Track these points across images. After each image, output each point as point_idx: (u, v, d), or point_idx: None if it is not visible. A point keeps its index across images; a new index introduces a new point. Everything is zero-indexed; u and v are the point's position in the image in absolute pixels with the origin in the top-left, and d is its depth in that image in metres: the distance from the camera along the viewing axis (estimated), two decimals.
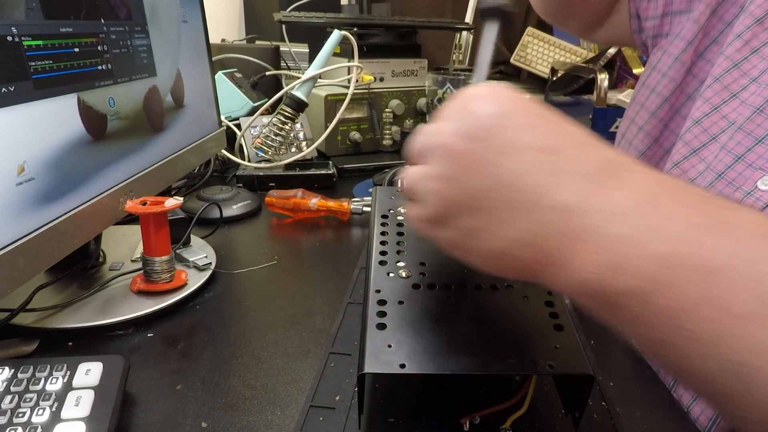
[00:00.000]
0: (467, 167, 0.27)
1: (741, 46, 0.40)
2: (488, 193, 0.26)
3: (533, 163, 0.25)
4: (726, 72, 0.41)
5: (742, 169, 0.38)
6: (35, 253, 0.38)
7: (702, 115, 0.42)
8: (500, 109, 0.27)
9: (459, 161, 0.27)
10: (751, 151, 0.38)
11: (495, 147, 0.26)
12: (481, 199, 0.26)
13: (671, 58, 0.47)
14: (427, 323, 0.32)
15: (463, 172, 0.27)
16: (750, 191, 0.37)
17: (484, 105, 0.27)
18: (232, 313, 0.49)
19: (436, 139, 0.28)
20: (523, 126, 0.26)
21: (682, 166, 0.44)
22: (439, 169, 0.28)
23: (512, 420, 0.34)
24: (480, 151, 0.26)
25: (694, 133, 0.43)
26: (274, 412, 0.37)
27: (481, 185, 0.26)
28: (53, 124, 0.41)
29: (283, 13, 1.07)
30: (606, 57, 1.47)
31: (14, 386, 0.33)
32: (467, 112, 0.28)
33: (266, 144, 0.86)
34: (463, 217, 0.27)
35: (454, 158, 0.27)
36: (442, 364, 0.29)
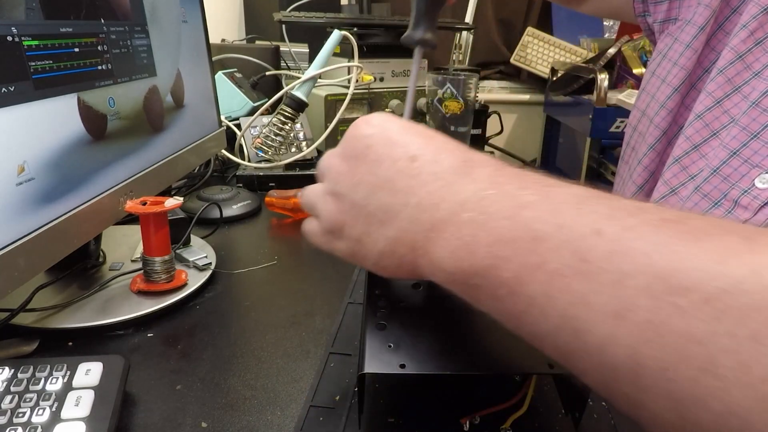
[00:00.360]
0: (349, 182, 0.32)
1: (746, 37, 0.39)
2: (367, 200, 0.30)
3: (398, 170, 0.30)
4: (730, 64, 0.40)
5: (738, 164, 0.38)
6: (35, 253, 0.38)
7: (704, 109, 0.41)
8: (370, 131, 0.32)
9: (341, 178, 0.32)
10: (746, 147, 0.37)
11: (367, 162, 0.31)
12: (362, 207, 0.31)
13: (682, 46, 0.45)
14: (427, 323, 0.32)
15: (346, 186, 0.32)
16: (747, 189, 0.37)
17: (359, 129, 0.33)
18: (232, 313, 0.49)
19: (327, 161, 0.34)
20: (387, 142, 0.31)
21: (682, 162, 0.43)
22: (329, 186, 0.33)
23: (512, 420, 0.34)
24: (356, 167, 0.31)
25: (696, 127, 0.42)
26: (274, 412, 0.37)
27: (361, 195, 0.31)
28: (53, 124, 0.41)
29: (283, 13, 1.07)
30: (606, 57, 1.47)
31: (14, 386, 0.33)
32: (347, 137, 0.33)
33: (266, 144, 0.86)
34: (351, 227, 0.32)
35: (338, 176, 0.33)
36: (442, 364, 0.29)
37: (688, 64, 0.44)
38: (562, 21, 1.88)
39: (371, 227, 0.30)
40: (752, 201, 0.37)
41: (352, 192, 0.31)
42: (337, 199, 0.32)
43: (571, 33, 1.85)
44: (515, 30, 1.92)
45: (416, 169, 0.29)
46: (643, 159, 0.50)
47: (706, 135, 0.41)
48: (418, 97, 1.09)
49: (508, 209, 0.25)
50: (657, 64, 0.50)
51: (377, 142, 0.31)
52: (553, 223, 0.23)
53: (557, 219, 0.23)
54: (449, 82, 0.90)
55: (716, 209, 0.39)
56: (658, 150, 0.48)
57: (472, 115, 0.96)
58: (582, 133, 1.45)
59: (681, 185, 0.44)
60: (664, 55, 0.48)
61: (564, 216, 0.23)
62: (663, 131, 0.47)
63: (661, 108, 0.47)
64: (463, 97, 0.91)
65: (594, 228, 0.22)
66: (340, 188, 0.32)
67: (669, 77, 0.47)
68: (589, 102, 1.39)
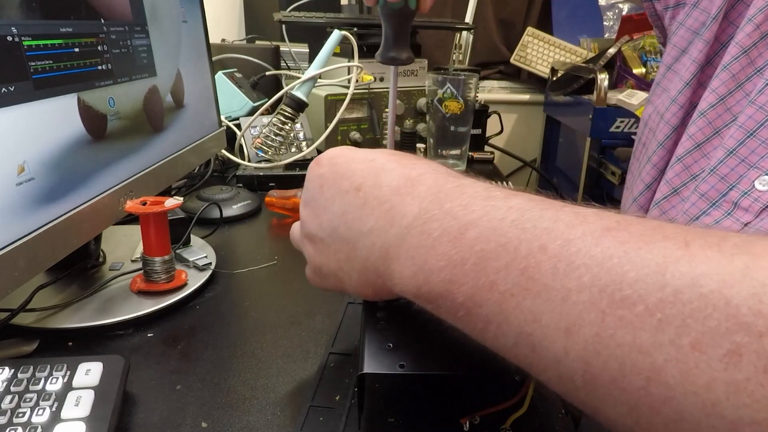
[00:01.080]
0: (314, 225, 0.33)
1: (751, 31, 0.37)
2: (332, 238, 0.32)
3: (347, 203, 0.31)
4: (734, 59, 0.39)
5: (735, 164, 0.37)
6: (35, 253, 0.38)
7: (708, 106, 0.40)
8: (321, 171, 0.33)
9: (308, 222, 0.34)
10: (743, 145, 0.36)
11: (322, 201, 0.33)
12: (329, 245, 0.32)
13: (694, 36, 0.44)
14: (427, 323, 0.32)
15: (314, 229, 0.33)
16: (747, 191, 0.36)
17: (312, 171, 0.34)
18: (232, 313, 0.49)
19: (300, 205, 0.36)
20: (336, 177, 0.32)
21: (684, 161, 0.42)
22: (304, 230, 0.35)
23: (512, 420, 0.34)
24: (316, 209, 0.33)
25: (699, 125, 0.41)
26: (274, 412, 0.37)
27: (326, 234, 0.32)
28: (53, 124, 0.41)
29: (283, 13, 1.07)
30: (606, 57, 1.47)
31: (14, 386, 0.33)
32: (306, 181, 0.35)
33: (266, 144, 0.86)
34: (327, 266, 0.33)
35: (305, 220, 0.34)
36: (442, 363, 0.29)
37: (700, 57, 0.43)
38: (562, 21, 1.88)
39: (341, 263, 0.32)
40: (753, 203, 0.36)
41: (320, 232, 0.33)
42: (312, 241, 0.34)
43: (571, 33, 1.85)
44: (515, 30, 1.92)
45: (362, 198, 0.30)
46: (653, 156, 0.48)
47: (708, 133, 0.40)
48: (418, 97, 1.09)
49: (453, 231, 0.25)
50: (671, 56, 0.48)
51: (327, 180, 0.33)
52: (497, 242, 0.23)
53: (500, 238, 0.23)
54: (449, 82, 0.90)
55: (714, 210, 0.38)
56: (668, 147, 0.47)
57: (472, 115, 0.96)
58: (582, 133, 1.45)
59: (683, 185, 0.43)
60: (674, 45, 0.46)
61: (507, 234, 0.23)
62: (674, 128, 0.46)
63: (672, 103, 0.46)
64: (463, 97, 0.91)
65: (537, 244, 0.22)
66: (310, 230, 0.34)
67: (683, 70, 0.45)
68: (589, 102, 1.39)
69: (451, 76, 0.91)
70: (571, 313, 0.20)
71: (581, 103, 1.46)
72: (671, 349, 0.18)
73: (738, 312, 0.17)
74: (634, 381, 0.19)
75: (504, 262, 0.23)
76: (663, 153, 0.48)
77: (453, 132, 0.94)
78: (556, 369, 0.22)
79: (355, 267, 0.31)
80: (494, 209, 0.25)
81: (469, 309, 0.24)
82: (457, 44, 1.54)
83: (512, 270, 0.22)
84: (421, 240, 0.26)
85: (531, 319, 0.22)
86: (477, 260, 0.24)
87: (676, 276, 0.19)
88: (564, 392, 0.22)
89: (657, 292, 0.19)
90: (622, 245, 0.20)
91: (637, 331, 0.19)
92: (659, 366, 0.18)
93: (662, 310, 0.18)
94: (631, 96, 1.32)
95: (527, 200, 0.25)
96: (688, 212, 0.40)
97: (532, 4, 1.90)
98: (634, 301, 0.19)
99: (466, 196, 0.26)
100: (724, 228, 0.37)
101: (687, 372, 0.17)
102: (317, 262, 0.34)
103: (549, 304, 0.21)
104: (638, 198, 0.52)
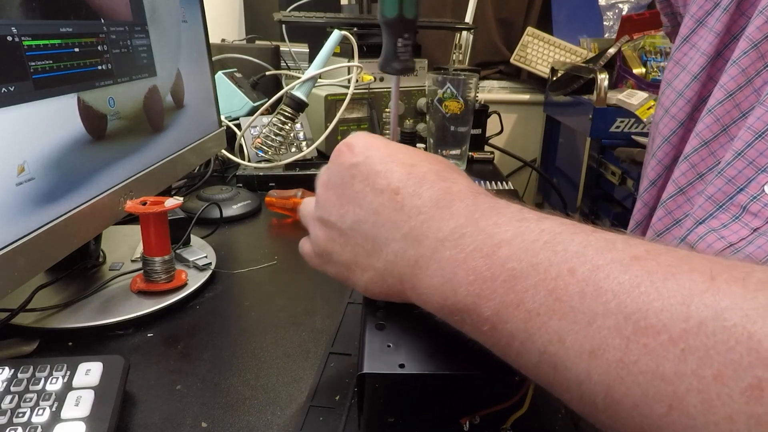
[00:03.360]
0: (335, 211, 0.32)
1: (761, 24, 0.36)
2: (353, 230, 0.31)
3: (380, 203, 0.30)
4: (744, 54, 0.38)
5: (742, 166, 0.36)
6: (35, 253, 0.38)
7: (716, 102, 0.39)
8: (354, 160, 0.32)
9: (328, 206, 0.33)
10: (751, 147, 0.36)
11: (351, 192, 0.32)
12: (349, 237, 0.32)
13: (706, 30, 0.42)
14: (427, 323, 0.32)
15: (333, 215, 0.33)
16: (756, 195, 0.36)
17: (343, 156, 0.33)
18: (232, 313, 0.49)
19: (318, 182, 0.35)
20: (371, 172, 0.31)
21: (691, 159, 0.42)
22: (318, 213, 0.34)
23: (513, 420, 0.34)
24: (342, 196, 0.32)
25: (706, 122, 0.40)
26: (274, 412, 0.37)
27: (348, 225, 0.32)
28: (53, 124, 0.41)
29: (283, 13, 1.07)
30: (606, 57, 1.47)
31: (14, 386, 0.33)
32: (333, 162, 0.34)
33: (266, 144, 0.86)
34: (339, 255, 0.33)
35: (325, 204, 0.33)
36: (442, 363, 0.29)
37: (710, 49, 0.42)
38: (562, 21, 1.88)
39: (358, 257, 0.32)
40: (763, 208, 0.35)
41: (339, 221, 0.32)
42: (326, 226, 0.34)
43: (571, 33, 1.85)
44: (515, 30, 1.92)
45: (399, 202, 0.30)
46: (657, 152, 0.47)
47: (716, 130, 0.40)
48: (418, 97, 1.09)
49: (486, 247, 0.25)
50: (678, 49, 0.46)
51: (361, 172, 0.32)
52: (528, 262, 0.24)
53: (532, 258, 0.24)
54: (449, 82, 0.90)
55: (722, 213, 0.38)
56: (674, 143, 0.46)
57: (472, 115, 0.96)
58: (582, 133, 1.45)
59: (689, 184, 0.42)
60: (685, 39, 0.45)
61: (538, 255, 0.24)
62: (680, 122, 0.45)
63: (679, 97, 0.45)
64: (463, 97, 0.91)
65: (567, 267, 0.23)
66: (328, 216, 0.33)
67: (690, 64, 0.44)
68: (589, 102, 1.39)
69: (451, 76, 0.91)
70: (596, 337, 0.21)
71: (581, 103, 1.46)
72: (693, 380, 0.18)
73: (760, 347, 0.17)
74: (656, 408, 0.19)
75: (533, 282, 0.23)
76: (668, 149, 0.47)
77: (453, 132, 0.94)
78: (578, 390, 0.22)
79: (373, 266, 0.31)
80: (527, 230, 0.25)
81: (494, 324, 0.24)
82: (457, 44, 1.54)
83: (540, 290, 0.23)
84: (453, 253, 0.26)
85: (555, 339, 0.22)
86: (507, 278, 0.24)
87: (700, 308, 0.19)
88: (586, 413, 0.23)
89: (681, 322, 0.19)
90: (649, 275, 0.21)
91: (660, 359, 0.19)
92: (681, 395, 0.18)
93: (686, 341, 0.19)
94: (631, 96, 1.32)
95: (559, 224, 0.25)
96: (695, 215, 0.40)
97: (532, 4, 1.90)
98: (658, 330, 0.19)
99: (500, 216, 0.27)
100: (733, 232, 0.36)
101: (709, 403, 0.18)
102: (327, 248, 0.34)
103: (574, 326, 0.22)
104: (643, 195, 0.51)
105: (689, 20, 0.45)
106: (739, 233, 0.36)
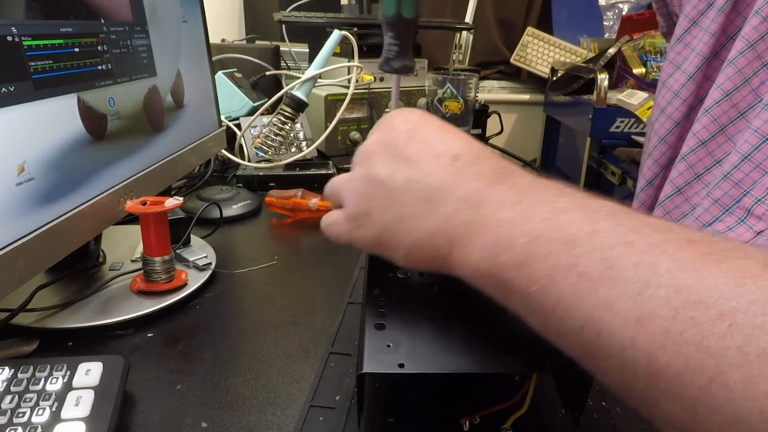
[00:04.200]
0: (386, 169, 0.32)
1: (758, 24, 0.37)
2: (403, 189, 0.31)
3: (438, 165, 0.30)
4: (740, 54, 0.38)
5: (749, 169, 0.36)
6: (35, 253, 0.38)
7: (713, 102, 0.40)
8: (409, 125, 0.33)
9: (378, 164, 0.32)
10: (758, 150, 0.36)
11: (407, 152, 0.31)
12: (397, 196, 0.31)
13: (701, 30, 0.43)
14: (426, 323, 0.32)
15: (383, 172, 0.32)
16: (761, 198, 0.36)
17: (397, 121, 0.34)
18: (232, 313, 0.49)
19: (362, 150, 0.34)
20: (429, 137, 0.32)
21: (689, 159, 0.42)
22: (361, 172, 0.33)
23: (513, 420, 0.34)
24: (395, 156, 0.32)
25: (704, 123, 0.40)
26: (274, 412, 0.37)
27: (398, 184, 0.31)
28: (53, 124, 0.41)
29: (283, 13, 1.07)
30: (606, 57, 1.47)
31: (14, 386, 0.33)
32: (384, 127, 0.34)
33: (266, 144, 0.86)
34: (380, 214, 0.32)
35: (370, 162, 0.33)
36: (441, 363, 0.29)
37: (705, 49, 0.42)
38: (562, 21, 1.88)
39: (404, 217, 0.31)
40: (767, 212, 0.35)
41: (389, 179, 0.31)
42: (370, 183, 0.32)
43: (571, 33, 1.85)
44: (515, 30, 1.92)
45: (458, 167, 0.30)
46: (654, 152, 0.48)
47: (713, 131, 0.40)
48: (418, 97, 1.09)
49: (546, 212, 0.26)
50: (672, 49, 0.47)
51: (418, 136, 0.32)
52: (587, 230, 0.24)
53: (591, 227, 0.24)
54: (449, 82, 0.90)
55: (727, 216, 0.38)
56: (670, 142, 0.46)
57: (472, 115, 0.96)
58: (582, 133, 1.45)
59: (687, 184, 0.43)
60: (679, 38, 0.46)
61: (597, 225, 0.24)
62: (676, 122, 0.45)
63: (675, 97, 0.45)
64: (463, 97, 0.91)
65: (624, 240, 0.23)
66: (377, 172, 0.32)
67: (685, 64, 0.44)
68: (589, 102, 1.39)
69: (451, 76, 0.91)
70: (645, 306, 0.21)
71: (581, 103, 1.46)
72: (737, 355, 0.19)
73: None
74: (697, 379, 0.20)
75: (589, 248, 0.24)
76: (665, 148, 0.47)
77: None
78: (619, 357, 0.22)
79: (421, 226, 0.30)
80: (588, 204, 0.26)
81: (543, 285, 0.25)
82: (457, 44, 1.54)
83: (595, 257, 0.23)
84: (512, 215, 0.27)
85: (604, 305, 0.22)
86: (564, 242, 0.24)
87: (753, 290, 0.19)
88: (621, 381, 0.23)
89: (732, 300, 0.19)
90: (703, 256, 0.21)
91: (706, 333, 0.19)
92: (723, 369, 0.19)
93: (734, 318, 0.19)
94: (631, 96, 1.32)
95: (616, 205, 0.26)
96: (701, 218, 0.40)
97: (532, 4, 1.90)
98: (708, 305, 0.20)
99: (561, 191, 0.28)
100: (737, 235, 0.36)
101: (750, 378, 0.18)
102: (365, 207, 0.32)
103: (624, 294, 0.22)
104: (640, 195, 0.51)
105: (683, 20, 0.45)
106: (743, 236, 0.36)
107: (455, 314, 0.33)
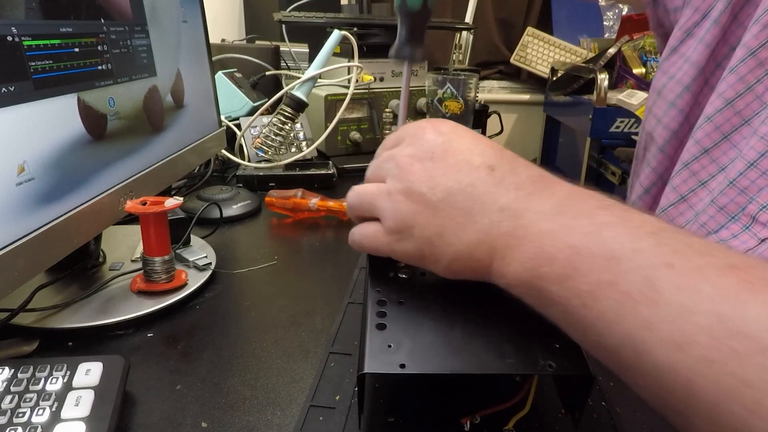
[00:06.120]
0: (425, 183, 0.32)
1: (758, 32, 0.37)
2: (444, 202, 0.31)
3: (477, 177, 0.31)
4: (741, 62, 0.38)
5: (755, 176, 0.36)
6: (35, 253, 0.38)
7: (714, 110, 0.40)
8: (442, 138, 0.33)
9: (416, 178, 0.32)
10: (764, 157, 0.36)
11: (444, 165, 0.32)
12: (438, 209, 0.31)
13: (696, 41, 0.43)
14: (427, 323, 0.32)
15: (423, 186, 0.32)
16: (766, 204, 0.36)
17: (429, 134, 0.33)
18: (232, 313, 0.49)
19: (392, 161, 0.34)
20: (464, 149, 0.32)
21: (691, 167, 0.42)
22: (396, 186, 0.33)
23: (515, 420, 0.34)
24: (433, 169, 0.32)
25: (706, 130, 0.40)
26: (274, 412, 0.36)
27: (439, 197, 0.31)
28: (53, 124, 0.41)
29: (283, 13, 1.07)
30: (606, 57, 1.47)
31: (14, 386, 0.33)
32: (416, 139, 0.34)
33: (266, 144, 0.86)
34: (424, 228, 0.31)
35: (409, 175, 0.32)
36: (442, 363, 0.29)
37: (701, 59, 0.43)
38: (562, 21, 1.88)
39: (446, 229, 0.31)
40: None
41: (429, 192, 0.31)
42: (410, 198, 0.32)
43: (571, 33, 1.85)
44: (515, 30, 1.92)
45: (497, 177, 0.30)
46: (652, 161, 0.48)
47: (716, 138, 0.40)
48: (418, 97, 1.09)
49: (588, 226, 0.26)
50: (667, 59, 0.47)
51: (453, 147, 0.32)
52: (630, 248, 0.24)
53: (634, 244, 0.24)
54: (449, 82, 0.90)
55: (733, 224, 0.38)
56: (668, 152, 0.47)
57: (472, 115, 0.96)
58: (582, 132, 1.45)
59: (690, 192, 0.42)
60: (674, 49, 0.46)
61: (640, 243, 0.24)
62: (673, 132, 0.46)
63: (671, 107, 0.45)
64: (463, 97, 0.91)
65: (666, 260, 0.23)
66: (416, 187, 0.32)
67: (679, 74, 0.45)
68: (589, 102, 1.39)
69: (451, 76, 0.91)
70: (686, 331, 0.21)
71: (581, 103, 1.46)
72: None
73: None
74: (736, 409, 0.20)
75: (631, 266, 0.24)
76: (662, 158, 0.47)
77: None
78: (657, 378, 0.22)
79: (461, 239, 0.30)
80: (631, 219, 0.26)
81: (585, 300, 0.25)
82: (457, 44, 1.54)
83: (637, 276, 0.23)
84: (553, 227, 0.27)
85: (645, 326, 0.23)
86: (607, 258, 0.24)
87: None
88: (657, 399, 0.23)
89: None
90: (744, 283, 0.21)
91: (746, 365, 0.20)
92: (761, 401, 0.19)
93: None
94: (631, 96, 1.32)
95: (657, 220, 0.26)
96: (706, 225, 0.40)
97: (532, 4, 1.90)
98: (750, 337, 0.20)
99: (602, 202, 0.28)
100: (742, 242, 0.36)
101: None
102: (408, 222, 0.32)
103: (665, 317, 0.22)
104: (637, 202, 0.51)
105: (678, 31, 0.46)
106: (747, 243, 0.36)
107: (457, 315, 0.33)
